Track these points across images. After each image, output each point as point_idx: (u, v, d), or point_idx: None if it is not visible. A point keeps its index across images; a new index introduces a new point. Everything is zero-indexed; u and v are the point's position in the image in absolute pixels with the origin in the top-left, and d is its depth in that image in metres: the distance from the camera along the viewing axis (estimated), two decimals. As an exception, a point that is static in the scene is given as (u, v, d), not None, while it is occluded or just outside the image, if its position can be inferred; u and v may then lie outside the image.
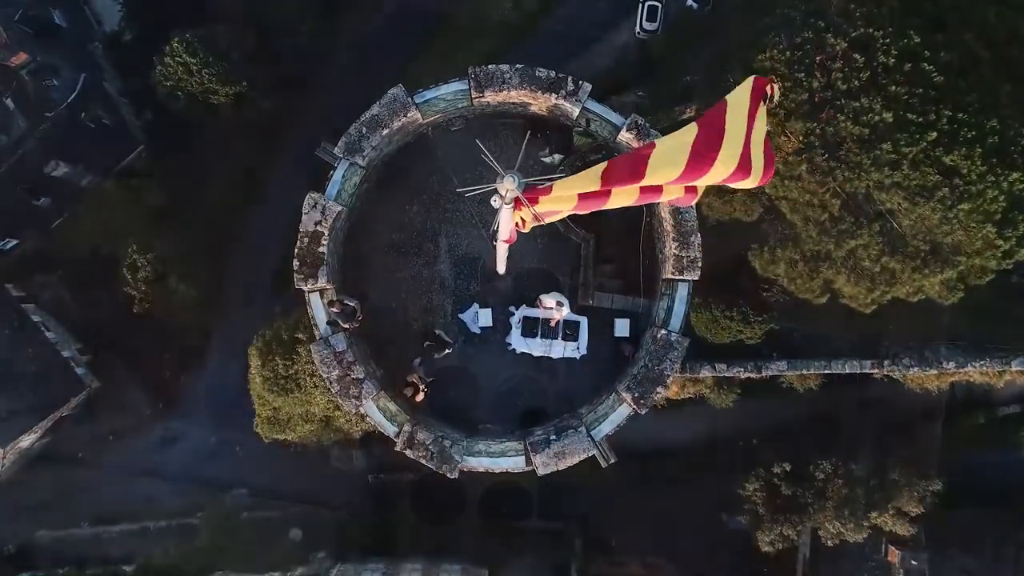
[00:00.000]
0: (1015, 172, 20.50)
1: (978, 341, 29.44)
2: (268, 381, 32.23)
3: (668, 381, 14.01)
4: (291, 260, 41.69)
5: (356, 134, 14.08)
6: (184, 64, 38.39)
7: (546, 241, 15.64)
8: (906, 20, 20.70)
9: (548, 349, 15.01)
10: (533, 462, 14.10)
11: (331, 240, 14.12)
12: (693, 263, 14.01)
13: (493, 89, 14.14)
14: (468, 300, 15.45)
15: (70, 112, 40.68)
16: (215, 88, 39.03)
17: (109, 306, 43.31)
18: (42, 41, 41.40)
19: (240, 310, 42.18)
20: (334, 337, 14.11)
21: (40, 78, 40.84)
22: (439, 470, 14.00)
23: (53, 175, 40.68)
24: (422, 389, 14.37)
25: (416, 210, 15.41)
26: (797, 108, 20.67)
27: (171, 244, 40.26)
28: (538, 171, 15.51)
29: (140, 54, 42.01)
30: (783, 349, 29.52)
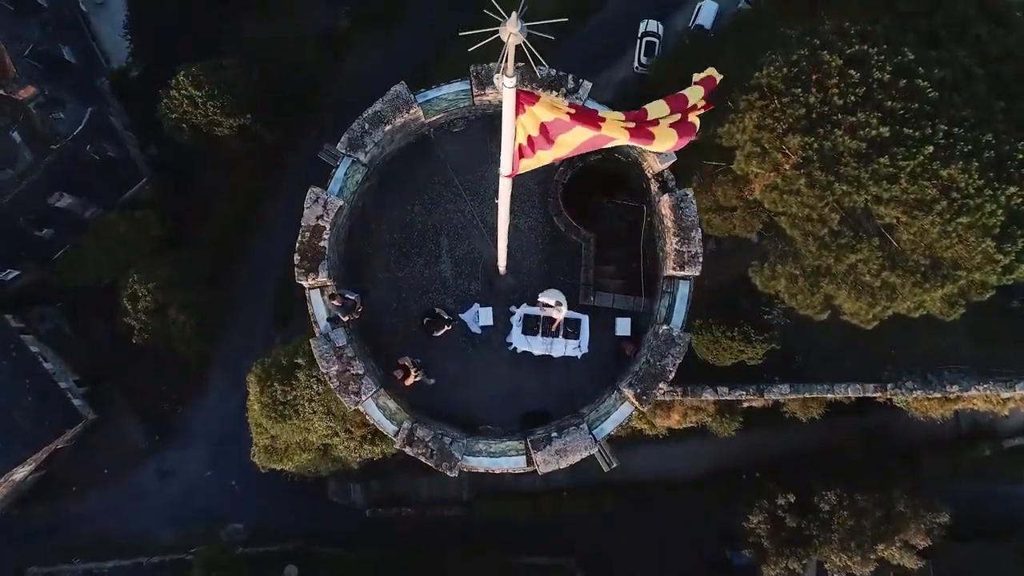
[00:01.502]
0: (1012, 186, 20.60)
1: (981, 365, 29.30)
2: (266, 407, 31.99)
3: (670, 376, 13.89)
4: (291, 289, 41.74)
5: (359, 130, 14.25)
6: (189, 97, 39.01)
7: (547, 241, 15.69)
8: (900, 37, 21.08)
9: (549, 347, 14.93)
10: (534, 460, 13.90)
11: (332, 235, 14.15)
12: (694, 258, 14.01)
13: (495, 87, 14.39)
14: (469, 300, 15.43)
15: (75, 145, 41.19)
16: (219, 120, 39.59)
17: (108, 337, 43.30)
18: (51, 75, 42.10)
19: (240, 341, 42.17)
20: (334, 332, 14.06)
21: (47, 111, 41.42)
22: (439, 468, 13.78)
23: (57, 206, 40.99)
24: (413, 372, 14.22)
25: (417, 210, 15.48)
26: (795, 123, 20.87)
27: (172, 274, 40.35)
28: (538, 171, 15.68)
29: (146, 89, 42.80)
30: (785, 373, 29.33)
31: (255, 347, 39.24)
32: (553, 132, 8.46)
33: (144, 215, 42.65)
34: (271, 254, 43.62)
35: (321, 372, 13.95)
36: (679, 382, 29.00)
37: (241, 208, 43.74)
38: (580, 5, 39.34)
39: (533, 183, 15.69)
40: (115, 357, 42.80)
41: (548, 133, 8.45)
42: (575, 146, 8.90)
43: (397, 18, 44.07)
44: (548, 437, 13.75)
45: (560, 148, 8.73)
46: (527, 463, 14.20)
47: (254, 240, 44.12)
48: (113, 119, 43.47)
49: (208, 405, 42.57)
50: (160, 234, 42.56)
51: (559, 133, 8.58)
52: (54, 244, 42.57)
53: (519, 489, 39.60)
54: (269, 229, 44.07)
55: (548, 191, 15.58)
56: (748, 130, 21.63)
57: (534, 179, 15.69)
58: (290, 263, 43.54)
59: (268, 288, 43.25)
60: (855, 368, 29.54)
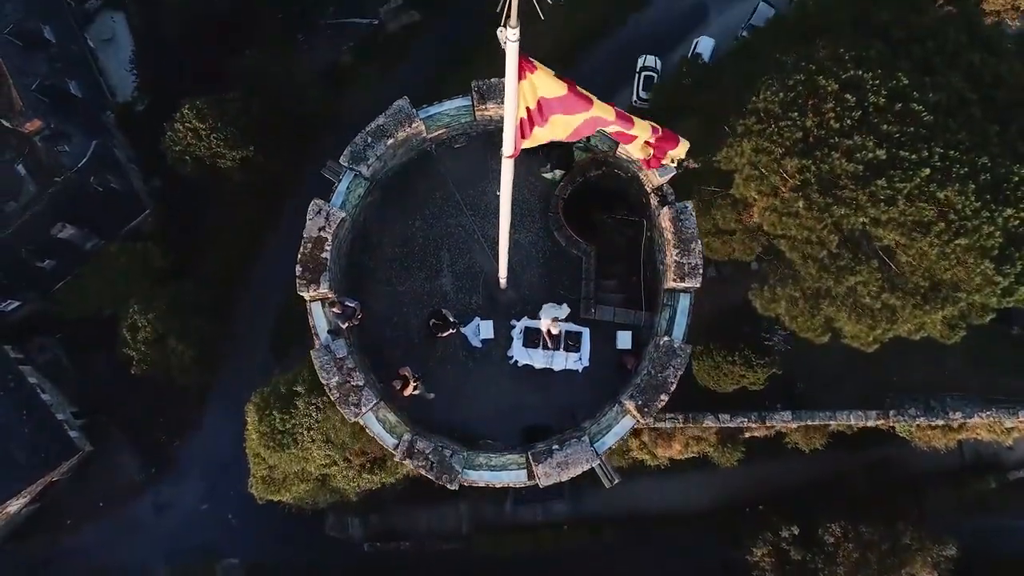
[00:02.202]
0: (1008, 208, 20.73)
1: (983, 392, 29.19)
2: (264, 436, 31.81)
3: (672, 388, 13.84)
4: (290, 321, 41.68)
5: (361, 143, 14.44)
6: (193, 129, 39.49)
7: (548, 256, 15.79)
8: (894, 63, 21.41)
9: (550, 360, 14.89)
10: (535, 473, 13.77)
11: (334, 248, 14.23)
12: (694, 270, 14.06)
13: (496, 101, 14.61)
14: (470, 314, 15.46)
15: (79, 177, 41.48)
16: (223, 152, 40.02)
17: (106, 369, 43.18)
18: (57, 109, 42.63)
19: (238, 373, 42.02)
20: (335, 343, 14.05)
21: (52, 144, 41.82)
22: (439, 480, 13.65)
23: (59, 237, 41.14)
24: (412, 383, 14.17)
25: (419, 225, 15.60)
26: (792, 147, 21.10)
27: (172, 305, 40.39)
28: (539, 186, 15.85)
29: (150, 123, 43.38)
30: (786, 400, 29.20)
31: (253, 379, 39.05)
32: (548, 110, 8.53)
33: (145, 247, 42.83)
34: (272, 285, 43.73)
35: (321, 382, 13.89)
36: (680, 409, 28.89)
37: (242, 239, 43.98)
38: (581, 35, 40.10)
39: (534, 198, 15.84)
40: (113, 389, 42.60)
41: (543, 110, 8.52)
42: (569, 130, 8.99)
43: (398, 55, 44.84)
44: (549, 450, 13.65)
45: (553, 128, 8.79)
46: (528, 477, 14.08)
47: (255, 271, 44.28)
48: (117, 152, 43.92)
49: (205, 437, 42.28)
50: (161, 265, 42.70)
51: (554, 112, 8.65)
52: (55, 275, 42.64)
53: (519, 522, 39.17)
54: (270, 261, 44.24)
55: (549, 206, 15.72)
56: (746, 154, 21.87)
57: (535, 194, 15.86)
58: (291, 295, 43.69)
59: (268, 320, 43.29)
60: (857, 395, 29.45)
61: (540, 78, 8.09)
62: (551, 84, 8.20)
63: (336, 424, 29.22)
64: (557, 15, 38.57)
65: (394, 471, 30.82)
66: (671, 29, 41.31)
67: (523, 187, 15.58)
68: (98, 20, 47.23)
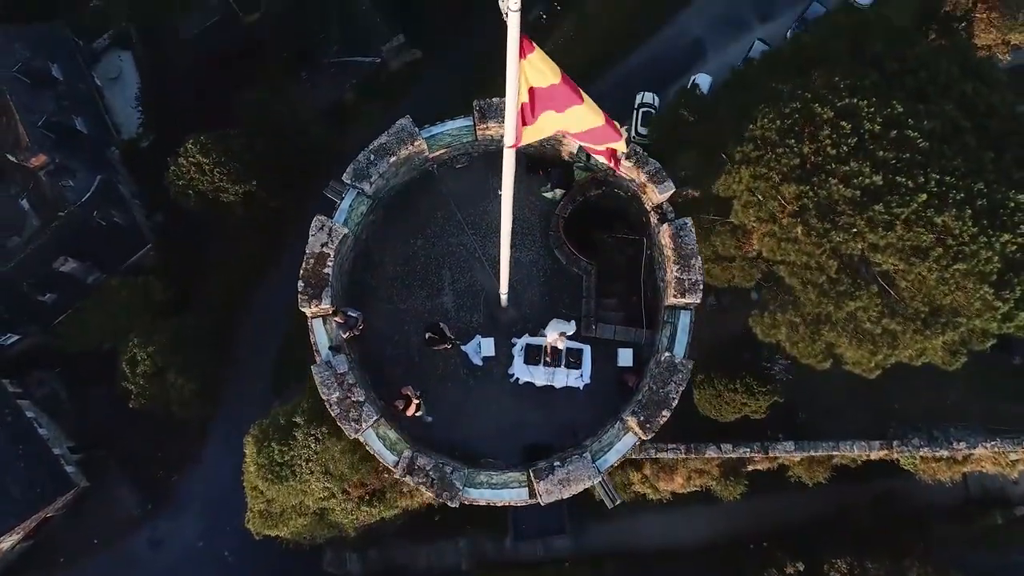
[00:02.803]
0: (1006, 234, 20.87)
1: (987, 422, 29.04)
2: (263, 469, 31.47)
3: (674, 404, 13.78)
4: (291, 354, 41.58)
5: (364, 161, 14.63)
6: (197, 164, 39.91)
7: (548, 274, 15.88)
8: (889, 92, 21.76)
9: (551, 377, 14.86)
10: (536, 491, 13.63)
11: (336, 264, 14.32)
12: (695, 286, 14.11)
13: (497, 120, 14.85)
14: (471, 332, 15.48)
15: (83, 211, 41.78)
16: (225, 187, 40.37)
17: (105, 403, 42.97)
18: (62, 145, 43.14)
19: (237, 407, 41.79)
20: (336, 359, 14.04)
21: (57, 179, 42.22)
22: (440, 497, 13.51)
23: (61, 270, 41.30)
24: (414, 402, 14.14)
25: (420, 244, 15.73)
26: (790, 173, 21.33)
27: (172, 338, 40.37)
28: (540, 206, 16.02)
29: (155, 159, 43.88)
30: (789, 431, 29.02)
31: (252, 413, 38.72)
32: (539, 104, 8.61)
33: (147, 281, 42.97)
34: (272, 320, 43.77)
35: (321, 398, 13.85)
36: (682, 439, 28.70)
37: (243, 273, 44.15)
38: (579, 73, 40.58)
39: (534, 217, 15.99)
40: (111, 423, 42.33)
41: (534, 105, 8.60)
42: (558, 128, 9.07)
43: (400, 92, 45.52)
44: (551, 467, 13.56)
45: (542, 128, 8.85)
46: (530, 495, 13.95)
47: (256, 305, 44.36)
48: (121, 187, 44.34)
49: (203, 472, 41.89)
50: (162, 299, 42.80)
51: (544, 108, 8.72)
52: (56, 309, 42.70)
53: (519, 559, 38.57)
54: (271, 295, 44.34)
55: (549, 225, 15.86)
56: (744, 180, 22.09)
57: (535, 213, 16.01)
58: (291, 329, 43.65)
59: (268, 354, 43.23)
60: (860, 426, 29.28)
61: (534, 63, 8.19)
62: (545, 71, 8.30)
63: (335, 455, 28.98)
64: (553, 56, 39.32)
65: (393, 503, 30.46)
66: (669, 67, 42.03)
67: (524, 206, 15.75)
68: (105, 59, 48.08)
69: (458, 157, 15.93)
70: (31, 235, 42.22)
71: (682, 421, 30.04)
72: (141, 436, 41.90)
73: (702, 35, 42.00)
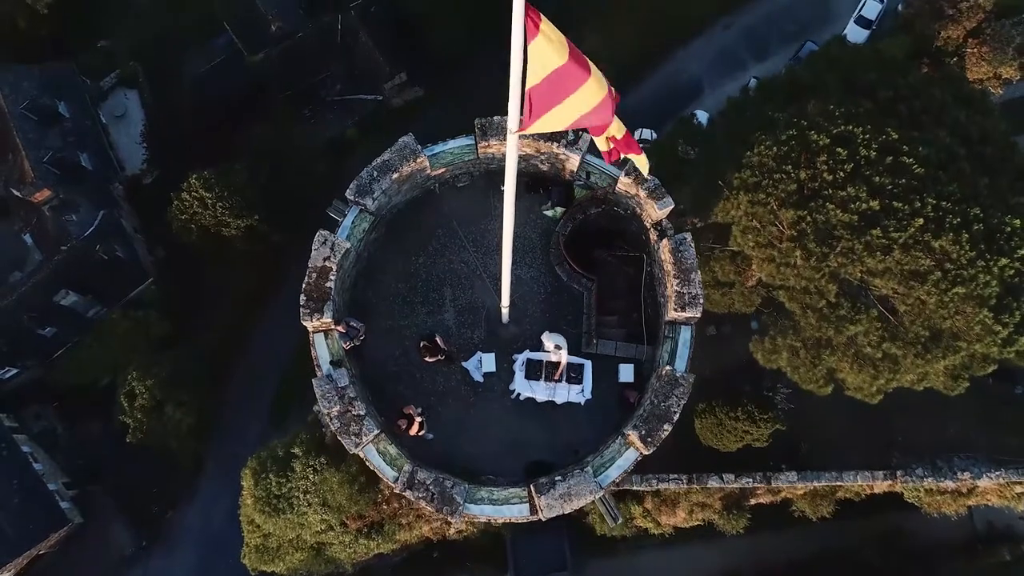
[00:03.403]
0: (1003, 258, 21.02)
1: (990, 453, 28.82)
2: (260, 501, 31.15)
3: (675, 418, 13.72)
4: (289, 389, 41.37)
5: (367, 177, 14.82)
6: (200, 198, 40.28)
7: (549, 291, 15.96)
8: (883, 119, 22.10)
9: (552, 392, 14.82)
10: (537, 505, 13.50)
11: (338, 279, 14.40)
12: (695, 299, 14.15)
13: (498, 138, 15.09)
14: (472, 348, 15.48)
15: (85, 245, 41.94)
16: (227, 221, 40.69)
17: (101, 439, 42.68)
18: (67, 180, 43.53)
19: (235, 442, 41.46)
20: (336, 372, 14.03)
21: (60, 213, 42.50)
22: (440, 512, 13.37)
23: (62, 304, 41.34)
24: (417, 420, 14.08)
25: (422, 261, 15.84)
26: (787, 198, 21.56)
27: (171, 372, 40.25)
28: (540, 223, 16.19)
29: (158, 195, 44.27)
30: (791, 462, 28.76)
31: (250, 448, 38.48)
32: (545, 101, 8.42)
33: (147, 315, 43.00)
34: (272, 353, 43.69)
35: (321, 412, 13.78)
36: (684, 470, 28.46)
37: (244, 308, 44.18)
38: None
39: (535, 235, 16.13)
40: (107, 458, 41.96)
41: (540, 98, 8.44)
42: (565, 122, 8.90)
43: (402, 129, 45.98)
44: (552, 482, 13.45)
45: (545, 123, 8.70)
46: (531, 511, 13.82)
47: (255, 341, 44.29)
48: (124, 222, 44.62)
49: (199, 508, 41.37)
50: (161, 333, 42.79)
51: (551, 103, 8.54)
52: (56, 343, 42.68)
53: (520, 599, 37.82)
54: (271, 328, 44.32)
55: (550, 242, 16.01)
56: (743, 205, 22.31)
57: (536, 231, 16.16)
58: (291, 363, 43.47)
59: (267, 388, 43.06)
60: (862, 457, 29.05)
61: (540, 49, 8.05)
62: (550, 54, 8.14)
63: (333, 486, 28.72)
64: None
65: (391, 537, 30.07)
66: (667, 104, 42.64)
67: (524, 224, 15.90)
68: (112, 97, 48.81)
69: (460, 176, 16.14)
70: (33, 269, 42.33)
71: (684, 452, 29.88)
72: (137, 471, 41.45)
73: (699, 73, 42.74)
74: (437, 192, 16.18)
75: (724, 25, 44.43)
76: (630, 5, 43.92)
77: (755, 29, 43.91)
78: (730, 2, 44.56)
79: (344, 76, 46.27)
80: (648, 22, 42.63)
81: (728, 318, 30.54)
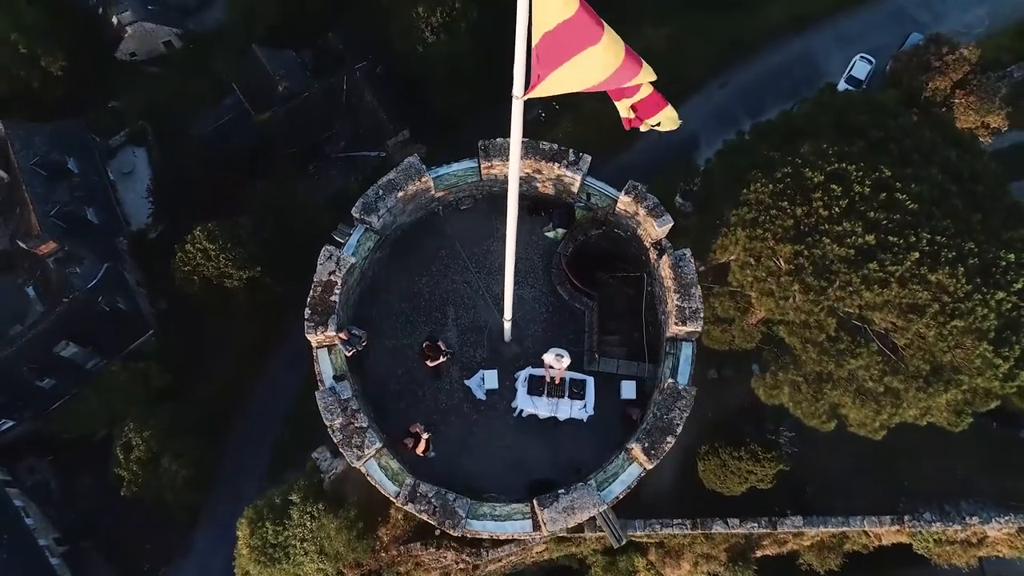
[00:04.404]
0: (1000, 292, 21.17)
1: (998, 498, 28.42)
2: (255, 551, 30.50)
3: (678, 431, 13.67)
4: (289, 442, 40.93)
5: (373, 195, 15.18)
6: (204, 250, 40.75)
7: (551, 311, 16.13)
8: (875, 158, 22.61)
9: (555, 408, 14.78)
10: (540, 519, 13.32)
11: (343, 294, 14.59)
12: (695, 313, 14.29)
13: (501, 159, 15.50)
14: (474, 367, 15.53)
15: (88, 296, 42.25)
16: (230, 272, 41.05)
17: (95, 493, 42.07)
18: (72, 233, 44.15)
19: (230, 496, 40.85)
20: (339, 385, 14.06)
21: (64, 266, 42.98)
22: (441, 525, 13.17)
23: (62, 355, 41.35)
24: (424, 438, 14.01)
25: (425, 281, 16.06)
26: (784, 233, 21.86)
27: (169, 423, 39.99)
28: (542, 245, 16.47)
29: (162, 249, 44.81)
30: (796, 507, 28.33)
31: (247, 501, 37.92)
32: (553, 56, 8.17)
33: (146, 366, 43.00)
34: (272, 407, 43.50)
35: (324, 424, 13.77)
36: (688, 515, 28.01)
37: (245, 360, 44.15)
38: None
39: (537, 256, 16.39)
40: (100, 513, 41.25)
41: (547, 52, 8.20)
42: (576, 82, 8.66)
43: (404, 185, 46.82)
44: (555, 496, 13.33)
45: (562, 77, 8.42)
46: (533, 527, 13.62)
47: (255, 393, 44.16)
48: (127, 275, 45.05)
49: (193, 564, 40.45)
50: (161, 385, 42.68)
51: (560, 59, 8.05)
52: (54, 394, 42.55)
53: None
54: (271, 382, 44.28)
55: (551, 263, 16.26)
56: (741, 241, 22.57)
57: (538, 252, 16.43)
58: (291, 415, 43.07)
59: (264, 442, 42.71)
60: (868, 502, 28.60)
61: None
62: (558, 2, 8.00)
63: (331, 533, 28.22)
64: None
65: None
66: (665, 159, 43.57)
67: (527, 246, 16.18)
68: (120, 155, 49.95)
69: (463, 199, 16.51)
70: (35, 320, 42.49)
71: (688, 497, 29.45)
72: (130, 527, 40.71)
73: (696, 129, 43.78)
74: (441, 215, 16.52)
75: (720, 84, 45.83)
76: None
77: (750, 88, 45.27)
78: (725, 63, 46.06)
79: (349, 134, 47.45)
80: (644, 80, 43.84)
81: (729, 361, 30.54)
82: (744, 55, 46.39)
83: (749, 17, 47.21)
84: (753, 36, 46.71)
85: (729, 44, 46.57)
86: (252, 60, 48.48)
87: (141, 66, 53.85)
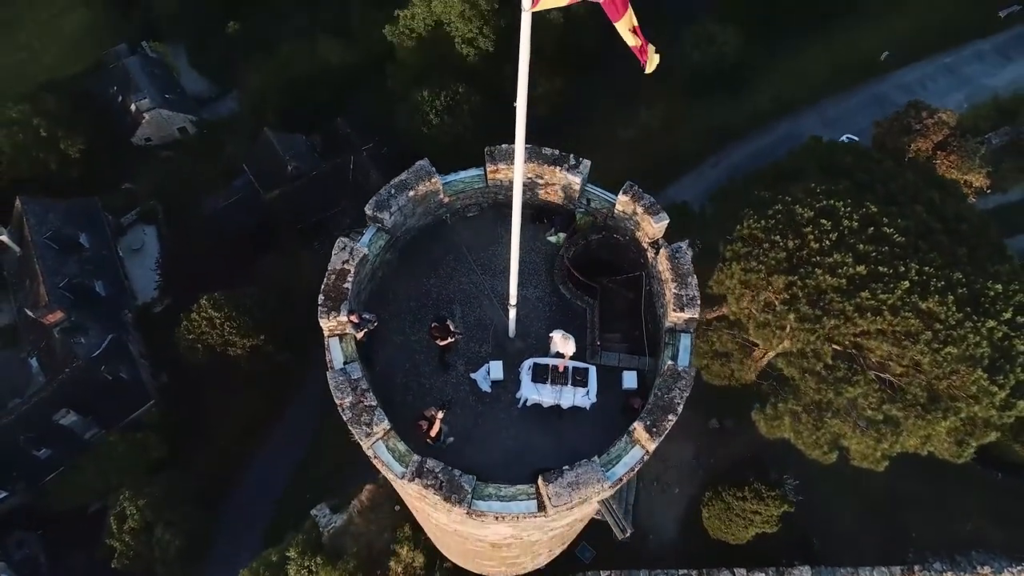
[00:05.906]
0: (990, 320, 21.73)
1: (1008, 549, 27.91)
2: (250, 611, 29.74)
3: (679, 409, 13.89)
4: (287, 511, 40.01)
5: (385, 194, 15.97)
6: (209, 318, 41.37)
7: (553, 309, 16.58)
8: (861, 196, 23.67)
9: (559, 396, 14.98)
10: (545, 494, 13.34)
11: (355, 284, 15.13)
12: (692, 300, 14.75)
13: (506, 163, 16.42)
14: (479, 362, 15.86)
15: (91, 365, 42.44)
16: (234, 340, 41.53)
17: (86, 569, 40.88)
18: (80, 305, 44.79)
19: (227, 569, 39.66)
20: (350, 366, 14.39)
21: (69, 335, 43.34)
22: (448, 500, 13.18)
23: (61, 423, 41.12)
24: (438, 419, 14.19)
25: (433, 282, 16.60)
26: (778, 265, 22.62)
27: (165, 492, 39.42)
28: (545, 249, 17.14)
29: (166, 323, 45.39)
30: (804, 559, 27.74)
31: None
32: None
33: (145, 437, 42.75)
34: (270, 478, 42.90)
35: (335, 402, 13.98)
36: (695, 565, 27.41)
37: (244, 430, 43.91)
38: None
39: (540, 260, 16.99)
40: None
41: None
42: None
43: (407, 259, 47.86)
44: (560, 471, 13.45)
45: None
46: (538, 508, 13.65)
47: (254, 463, 43.66)
48: (131, 346, 45.37)
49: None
50: (159, 455, 42.33)
51: None
52: (50, 465, 42.06)
53: None
54: (270, 453, 43.89)
55: (553, 266, 16.88)
56: (736, 275, 23.32)
57: (540, 256, 17.05)
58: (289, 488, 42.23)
59: (261, 514, 41.83)
60: (876, 554, 28.05)
61: None
62: None
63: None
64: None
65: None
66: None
67: (529, 251, 16.84)
68: (131, 232, 51.29)
69: (469, 206, 17.31)
70: (37, 389, 42.51)
71: (693, 547, 28.91)
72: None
73: (690, 201, 45.17)
74: (448, 222, 17.29)
75: (712, 163, 47.72)
76: (629, 143, 47.39)
77: (740, 166, 46.99)
78: (717, 144, 48.13)
79: (354, 211, 48.82)
80: (640, 157, 45.74)
81: (730, 411, 30.70)
82: (734, 137, 48.51)
83: (737, 103, 49.68)
84: (741, 121, 49.01)
85: (718, 129, 48.78)
86: (263, 143, 50.57)
87: (155, 150, 56.09)
